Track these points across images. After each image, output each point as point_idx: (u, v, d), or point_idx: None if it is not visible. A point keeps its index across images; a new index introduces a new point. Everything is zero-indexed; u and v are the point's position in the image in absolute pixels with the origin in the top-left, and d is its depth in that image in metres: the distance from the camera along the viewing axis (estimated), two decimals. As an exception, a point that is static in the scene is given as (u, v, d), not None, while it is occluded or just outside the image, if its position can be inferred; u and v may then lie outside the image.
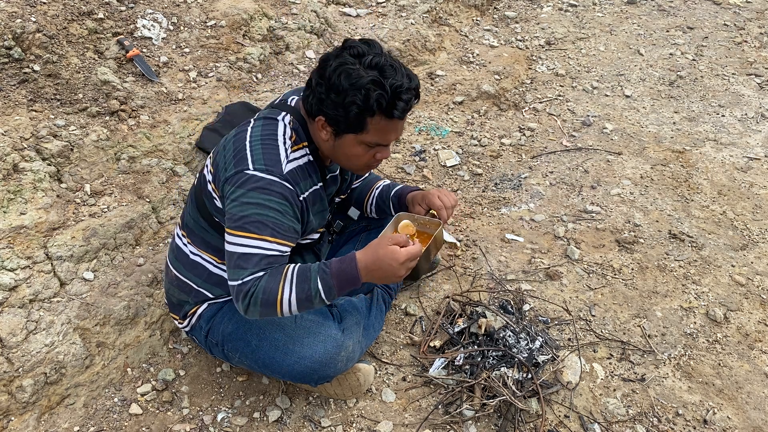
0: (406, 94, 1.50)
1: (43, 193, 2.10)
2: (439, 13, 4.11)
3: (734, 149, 3.19)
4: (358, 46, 1.51)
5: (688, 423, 1.89)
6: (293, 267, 1.53)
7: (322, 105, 1.52)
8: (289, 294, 1.49)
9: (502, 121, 3.41)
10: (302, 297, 1.50)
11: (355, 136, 1.54)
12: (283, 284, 1.49)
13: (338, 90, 1.47)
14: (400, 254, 1.49)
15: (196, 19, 3.06)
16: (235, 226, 1.50)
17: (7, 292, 1.84)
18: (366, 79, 1.45)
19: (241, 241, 1.49)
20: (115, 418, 1.86)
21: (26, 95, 2.33)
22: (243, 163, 1.52)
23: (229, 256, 1.52)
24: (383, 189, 2.03)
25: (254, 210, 1.49)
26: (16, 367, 1.77)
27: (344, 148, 1.58)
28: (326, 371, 1.73)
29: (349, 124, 1.51)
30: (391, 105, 1.49)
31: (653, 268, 2.45)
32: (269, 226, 1.49)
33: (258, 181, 1.50)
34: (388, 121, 1.52)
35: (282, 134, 1.58)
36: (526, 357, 1.97)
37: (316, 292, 1.50)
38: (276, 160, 1.53)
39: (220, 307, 1.81)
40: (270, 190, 1.50)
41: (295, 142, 1.60)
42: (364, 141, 1.55)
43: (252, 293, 1.47)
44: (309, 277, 1.50)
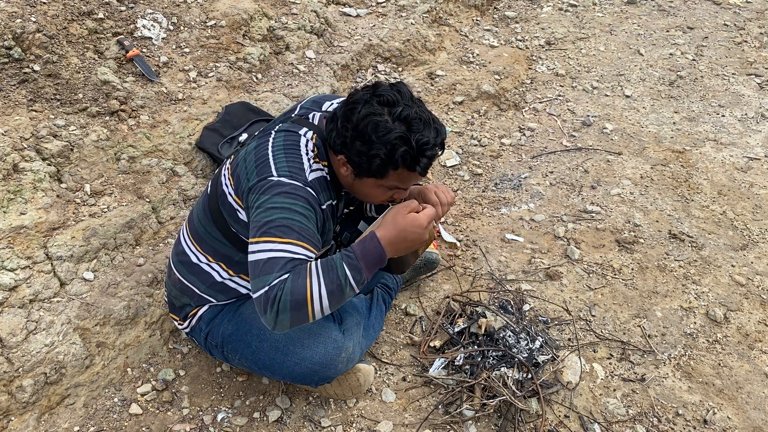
0: (431, 150, 1.49)
1: (43, 193, 2.10)
2: (439, 13, 4.11)
3: (734, 149, 3.19)
4: (389, 93, 1.49)
5: (688, 423, 1.89)
6: (315, 261, 1.46)
7: (345, 148, 1.51)
8: (319, 288, 1.40)
9: (502, 121, 3.41)
10: (333, 288, 1.42)
11: (375, 181, 1.55)
12: (310, 279, 1.40)
13: (364, 140, 1.47)
14: (421, 219, 1.51)
15: (196, 19, 3.06)
16: (260, 232, 1.44)
17: (7, 292, 1.84)
18: (394, 134, 1.45)
19: (266, 247, 1.43)
20: (115, 418, 1.86)
21: (26, 95, 2.33)
22: (266, 171, 1.50)
23: (254, 266, 1.43)
24: None
25: (280, 214, 1.45)
26: (16, 367, 1.77)
27: (363, 188, 1.60)
28: (327, 372, 1.73)
29: (371, 172, 1.52)
30: (415, 161, 1.49)
31: (653, 268, 2.45)
32: (295, 230, 1.44)
33: (283, 186, 1.47)
34: (410, 173, 1.54)
35: (304, 146, 1.57)
36: (526, 357, 1.97)
37: (345, 279, 1.43)
38: (300, 168, 1.52)
39: (221, 309, 1.81)
40: (296, 195, 1.47)
41: (317, 156, 1.59)
42: (384, 185, 1.57)
43: (279, 298, 1.38)
44: (334, 265, 1.44)
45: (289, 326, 1.43)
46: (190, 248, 1.78)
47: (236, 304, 1.80)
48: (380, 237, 1.49)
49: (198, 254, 1.76)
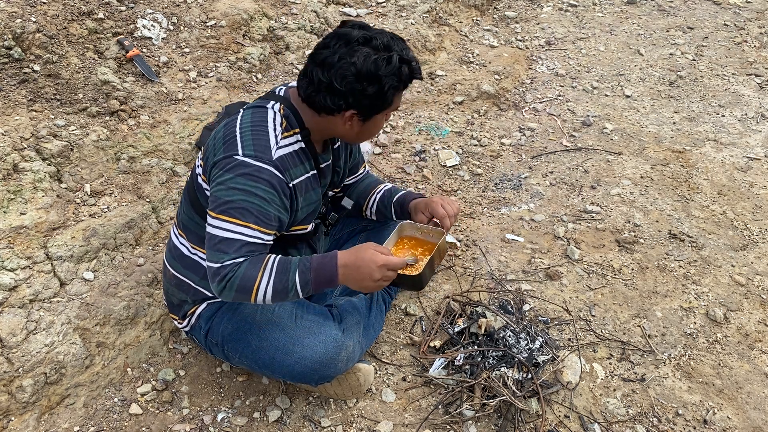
0: (415, 62, 1.59)
1: (43, 193, 2.10)
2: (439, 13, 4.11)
3: (734, 149, 3.19)
4: (357, 36, 1.52)
5: (688, 423, 1.89)
6: (274, 257, 1.55)
7: (355, 99, 1.54)
8: (267, 283, 1.50)
9: (502, 121, 3.41)
10: (279, 288, 1.52)
11: (382, 113, 1.61)
12: (262, 273, 1.50)
13: (375, 80, 1.51)
14: (378, 258, 1.53)
15: (196, 19, 3.06)
16: (220, 210, 1.51)
17: (7, 292, 1.84)
18: (395, 60, 1.52)
19: (223, 225, 1.50)
20: (115, 418, 1.86)
21: (26, 95, 2.33)
22: (232, 149, 1.54)
23: (210, 238, 1.53)
24: (385, 193, 2.02)
25: (240, 196, 1.50)
26: (16, 367, 1.77)
27: (371, 127, 1.65)
28: (327, 371, 1.73)
29: (384, 106, 1.58)
30: (412, 72, 1.58)
31: (653, 268, 2.45)
32: (253, 214, 1.51)
33: (247, 167, 1.51)
34: (403, 89, 1.63)
35: (272, 121, 1.60)
36: (526, 357, 1.97)
37: (293, 285, 1.52)
38: (266, 146, 1.54)
39: (219, 306, 1.81)
40: (258, 177, 1.51)
41: (286, 128, 1.61)
42: (387, 112, 1.63)
43: (230, 278, 1.49)
44: (288, 269, 1.53)
45: (231, 301, 1.59)
46: (180, 240, 1.79)
47: (235, 303, 1.80)
48: (339, 257, 1.55)
49: (187, 245, 1.77)
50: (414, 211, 1.90)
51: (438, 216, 1.82)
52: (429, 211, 1.84)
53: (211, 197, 1.55)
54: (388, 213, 2.01)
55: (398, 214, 1.98)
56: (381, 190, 2.03)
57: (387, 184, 2.06)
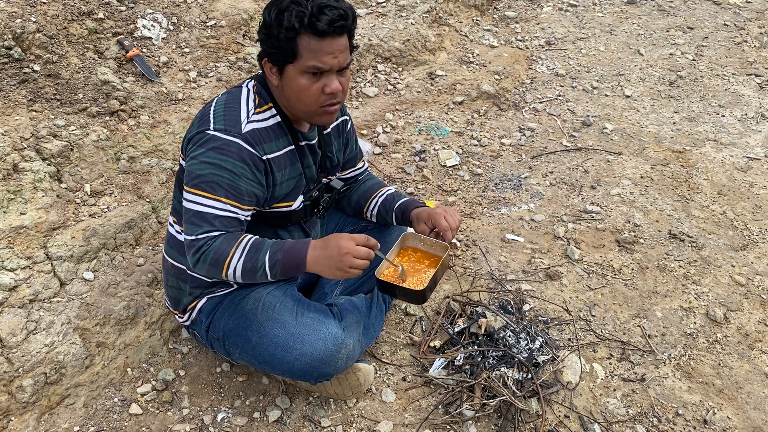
0: (331, 10, 1.49)
1: (43, 193, 2.10)
2: (439, 13, 4.11)
3: (734, 149, 3.19)
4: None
5: (688, 423, 1.89)
6: (251, 237, 1.59)
7: (263, 45, 1.58)
8: (237, 260, 1.54)
9: (502, 121, 3.42)
10: (248, 266, 1.55)
11: (294, 66, 1.55)
12: (235, 250, 1.54)
13: (269, 24, 1.53)
14: (345, 243, 1.54)
15: (196, 19, 3.06)
16: (192, 184, 1.55)
17: (7, 292, 1.84)
18: (285, 3, 1.50)
19: (196, 199, 1.54)
20: (115, 418, 1.86)
21: (26, 95, 2.33)
22: (205, 125, 1.58)
23: (185, 212, 1.57)
24: (387, 197, 2.01)
25: (210, 170, 1.54)
26: (16, 367, 1.77)
27: (290, 83, 1.57)
28: (326, 369, 1.73)
29: (283, 51, 1.53)
30: (315, 20, 1.48)
31: (653, 268, 2.45)
32: (224, 188, 1.54)
33: (216, 140, 1.54)
34: (319, 41, 1.50)
35: (245, 97, 1.64)
36: (526, 357, 1.97)
37: (262, 264, 1.55)
38: (236, 120, 1.58)
39: (220, 301, 1.81)
40: (227, 151, 1.54)
41: (260, 104, 1.64)
42: (303, 68, 1.54)
43: (204, 251, 1.53)
44: (260, 248, 1.56)
45: (204, 274, 1.62)
46: (174, 227, 1.81)
47: (236, 299, 1.80)
48: (312, 242, 1.58)
49: (181, 231, 1.78)
50: (416, 221, 1.88)
51: (441, 228, 1.80)
52: (431, 222, 1.83)
53: (186, 172, 1.59)
54: (389, 218, 2.00)
55: (399, 220, 1.97)
56: (383, 194, 2.02)
57: (390, 188, 2.05)
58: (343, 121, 1.93)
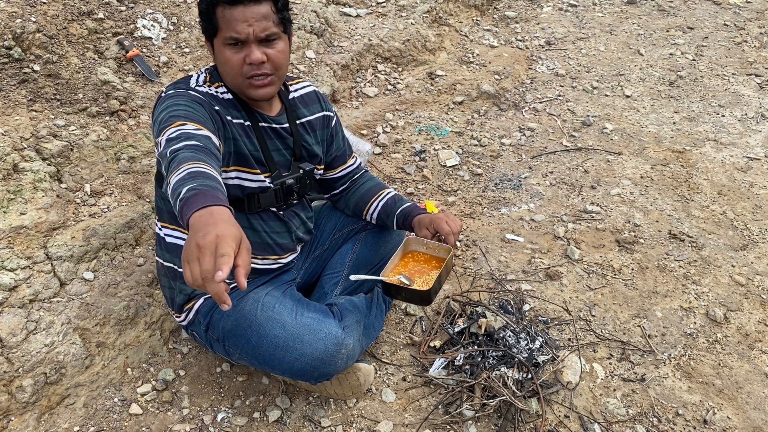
0: None
1: (43, 193, 2.10)
2: (439, 13, 4.11)
3: (734, 149, 3.19)
4: None
5: (688, 423, 1.89)
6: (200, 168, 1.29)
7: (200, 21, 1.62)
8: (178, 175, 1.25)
9: (502, 121, 3.41)
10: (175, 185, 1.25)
11: (217, 40, 1.59)
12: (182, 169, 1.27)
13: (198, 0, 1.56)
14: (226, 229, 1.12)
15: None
16: (157, 132, 1.45)
17: (7, 292, 1.84)
18: None
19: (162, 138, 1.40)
20: (115, 418, 1.86)
21: (26, 95, 2.33)
22: (158, 98, 1.62)
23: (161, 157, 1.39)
24: (389, 201, 2.02)
25: (166, 111, 1.50)
26: (16, 367, 1.77)
27: (218, 58, 1.62)
28: (326, 369, 1.73)
29: (208, 26, 1.58)
30: None
31: (653, 268, 2.45)
32: (181, 116, 1.46)
33: (168, 96, 1.57)
34: (232, 9, 1.52)
35: (195, 77, 1.69)
36: (526, 357, 1.97)
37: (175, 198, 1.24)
38: (186, 85, 1.64)
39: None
40: (178, 95, 1.56)
41: (210, 81, 1.68)
42: (224, 40, 1.56)
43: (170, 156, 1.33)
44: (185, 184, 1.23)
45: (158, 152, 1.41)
46: (158, 226, 1.81)
47: (234, 299, 1.80)
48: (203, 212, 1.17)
49: (163, 226, 1.79)
50: (418, 227, 1.91)
51: (443, 233, 1.85)
52: (434, 228, 1.87)
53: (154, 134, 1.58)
54: (389, 222, 2.02)
55: (399, 225, 1.99)
56: (384, 198, 2.03)
57: (390, 191, 2.06)
58: (325, 116, 1.93)
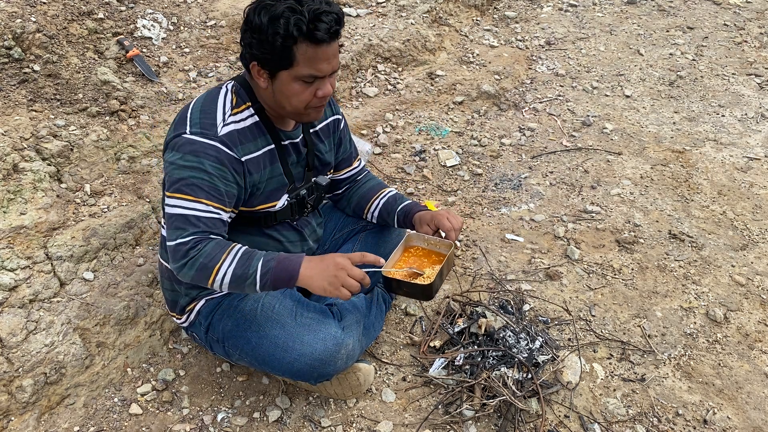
0: (326, 16, 1.48)
1: (43, 193, 2.10)
2: (439, 13, 4.11)
3: (734, 149, 3.19)
4: None
5: (688, 423, 1.89)
6: (241, 246, 1.57)
7: (252, 49, 1.53)
8: (228, 266, 1.52)
9: (502, 121, 3.41)
10: (239, 272, 1.52)
11: (288, 72, 1.53)
12: (227, 256, 1.52)
13: (261, 28, 1.48)
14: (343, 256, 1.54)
15: (196, 19, 3.06)
16: (173, 188, 1.54)
17: (7, 292, 1.84)
18: (281, 8, 1.47)
19: (177, 203, 1.53)
20: (115, 418, 1.86)
21: (26, 95, 2.33)
22: (181, 128, 1.57)
23: (168, 218, 1.56)
24: (389, 199, 2.01)
25: (189, 173, 1.53)
26: (16, 367, 1.77)
27: (282, 88, 1.57)
28: (326, 369, 1.73)
29: (277, 58, 1.51)
30: (313, 28, 1.47)
31: (653, 268, 2.45)
32: (204, 189, 1.53)
33: (193, 144, 1.54)
34: (316, 48, 1.50)
35: (222, 98, 1.62)
36: (526, 357, 1.97)
37: (253, 276, 1.53)
38: (212, 123, 1.57)
39: (219, 302, 1.81)
40: (205, 153, 1.54)
41: (237, 104, 1.63)
42: (298, 75, 1.53)
43: (192, 256, 1.51)
44: (252, 258, 1.54)
45: (189, 281, 1.57)
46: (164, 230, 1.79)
47: (234, 300, 1.80)
48: (305, 260, 1.55)
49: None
50: (419, 224, 1.91)
51: (445, 229, 1.84)
52: (435, 224, 1.86)
53: (166, 177, 1.58)
54: (390, 220, 2.01)
55: (401, 223, 1.99)
56: (385, 196, 2.03)
57: (391, 190, 2.05)
58: (335, 120, 1.92)
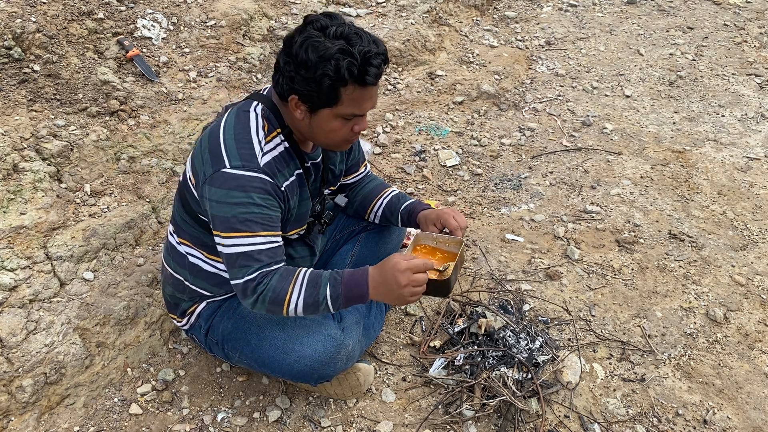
0: (376, 58, 1.47)
1: (43, 193, 2.10)
2: (439, 13, 4.11)
3: (734, 149, 3.19)
4: (321, 19, 1.49)
5: (688, 423, 1.89)
6: (305, 271, 1.56)
7: (293, 83, 1.50)
8: (297, 296, 1.52)
9: (502, 121, 3.41)
10: (309, 302, 1.53)
11: (330, 110, 1.52)
12: (293, 286, 1.52)
13: (308, 65, 1.45)
14: (400, 263, 1.51)
15: (196, 19, 3.06)
16: (225, 227, 1.51)
17: (7, 292, 1.84)
18: (333, 49, 1.43)
19: (234, 242, 1.51)
20: (115, 418, 1.86)
21: (26, 95, 2.33)
22: (219, 163, 1.52)
23: (228, 258, 1.53)
24: (392, 199, 2.00)
25: (240, 209, 1.49)
26: (16, 367, 1.77)
27: (321, 123, 1.56)
28: (326, 370, 1.73)
29: (323, 98, 1.49)
30: (363, 72, 1.46)
31: (653, 268, 2.45)
32: (258, 222, 1.51)
33: (237, 178, 1.50)
34: (362, 90, 1.50)
35: (254, 125, 1.57)
36: (526, 357, 1.97)
37: (324, 299, 1.54)
38: (251, 154, 1.53)
39: (219, 305, 1.81)
40: (251, 187, 1.50)
41: (268, 131, 1.59)
42: (340, 114, 1.53)
43: (262, 291, 1.51)
44: (319, 283, 1.54)
45: (265, 312, 1.57)
46: (174, 237, 1.79)
47: (234, 302, 1.80)
48: (370, 272, 1.55)
49: (180, 243, 1.77)
50: (424, 222, 1.89)
51: (451, 228, 1.82)
52: (441, 223, 1.84)
53: (212, 217, 1.54)
54: (393, 219, 2.00)
55: (404, 222, 1.97)
56: (388, 195, 2.01)
57: (394, 189, 2.04)
58: None
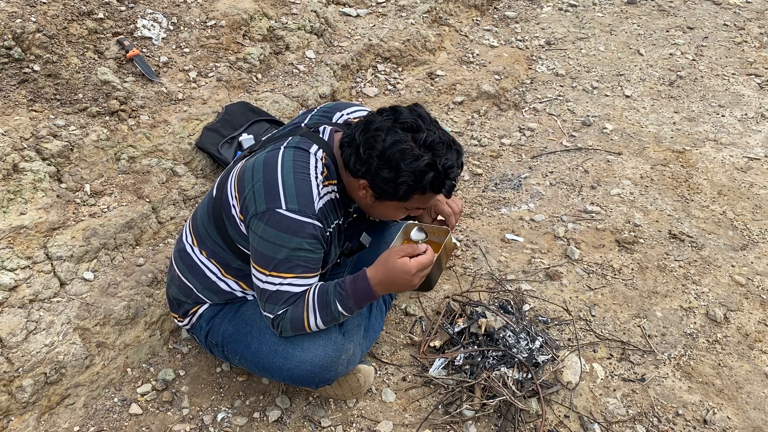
0: (454, 172, 1.55)
1: (43, 193, 2.10)
2: (439, 13, 4.11)
3: (734, 149, 3.19)
4: (410, 119, 1.53)
5: (688, 423, 1.89)
6: (312, 292, 1.60)
7: (369, 174, 1.54)
8: (315, 319, 1.62)
9: (502, 121, 3.41)
10: (327, 319, 1.63)
11: (397, 203, 1.61)
12: (307, 312, 1.60)
13: (392, 167, 1.51)
14: (410, 266, 1.56)
15: (196, 19, 3.06)
16: (267, 265, 1.56)
17: (7, 292, 1.84)
18: (423, 162, 1.50)
19: (272, 280, 1.57)
20: (115, 418, 1.86)
21: (26, 95, 2.33)
22: (275, 202, 1.53)
23: (261, 292, 1.60)
24: None
25: (287, 253, 1.53)
26: (16, 367, 1.77)
27: (382, 209, 1.66)
28: (327, 375, 1.73)
29: (395, 196, 1.56)
30: (441, 184, 1.55)
31: (653, 268, 2.45)
32: (301, 265, 1.56)
33: (291, 222, 1.52)
34: (434, 195, 1.60)
35: (314, 168, 1.59)
36: (526, 357, 1.97)
37: (339, 314, 1.62)
38: (308, 198, 1.54)
39: (221, 307, 1.81)
40: (303, 232, 1.53)
41: (327, 177, 1.62)
42: (403, 207, 1.64)
43: (282, 325, 1.62)
44: (329, 302, 1.60)
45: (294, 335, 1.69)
46: (192, 246, 1.78)
47: (236, 305, 1.80)
48: (370, 277, 1.59)
49: (198, 254, 1.77)
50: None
51: (444, 214, 1.84)
52: (434, 210, 1.85)
53: (254, 250, 1.58)
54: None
55: None
56: None
57: None
58: None
